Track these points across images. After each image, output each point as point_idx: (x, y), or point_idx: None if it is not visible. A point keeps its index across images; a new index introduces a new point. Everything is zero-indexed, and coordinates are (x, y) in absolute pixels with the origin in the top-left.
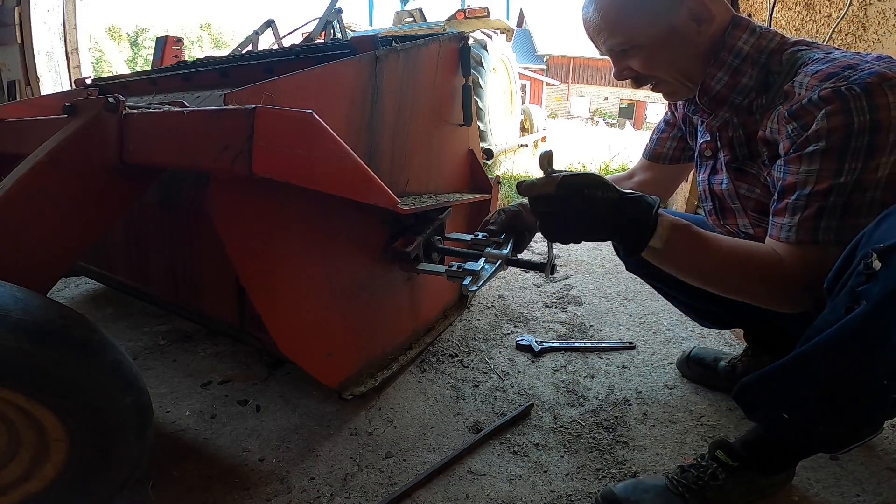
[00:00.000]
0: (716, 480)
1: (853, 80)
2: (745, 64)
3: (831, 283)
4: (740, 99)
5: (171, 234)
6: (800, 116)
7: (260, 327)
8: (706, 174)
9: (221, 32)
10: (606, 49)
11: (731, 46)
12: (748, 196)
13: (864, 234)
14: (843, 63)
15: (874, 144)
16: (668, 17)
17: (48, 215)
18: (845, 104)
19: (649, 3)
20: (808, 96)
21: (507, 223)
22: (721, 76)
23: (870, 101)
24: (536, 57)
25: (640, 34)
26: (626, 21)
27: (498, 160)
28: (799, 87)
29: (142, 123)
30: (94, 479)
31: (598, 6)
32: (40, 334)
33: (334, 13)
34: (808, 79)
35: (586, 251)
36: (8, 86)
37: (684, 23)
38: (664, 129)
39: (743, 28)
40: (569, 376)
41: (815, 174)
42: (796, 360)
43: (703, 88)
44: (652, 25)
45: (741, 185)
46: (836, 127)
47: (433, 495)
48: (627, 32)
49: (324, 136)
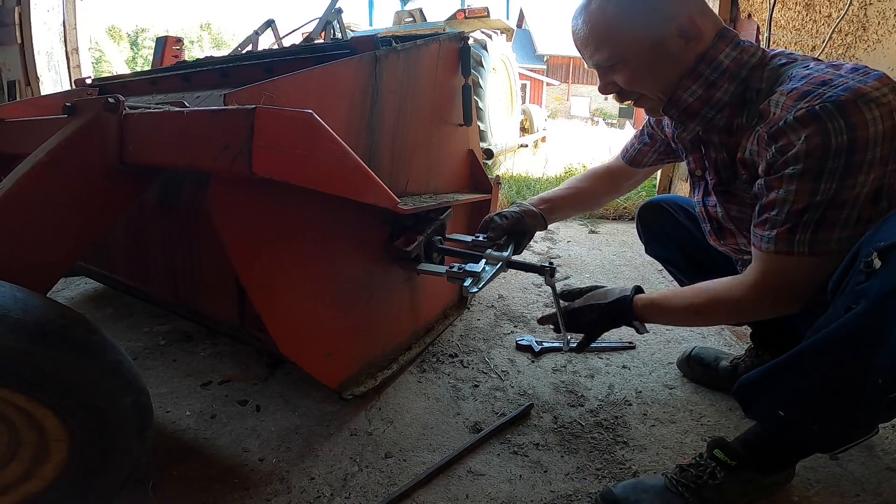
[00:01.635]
0: (714, 479)
1: (827, 98)
2: (722, 78)
3: (834, 284)
4: (713, 114)
5: (171, 234)
6: (777, 138)
7: (260, 327)
8: (700, 195)
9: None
10: (593, 63)
11: (712, 59)
12: (740, 217)
13: (867, 236)
14: (818, 79)
15: (850, 164)
16: (655, 34)
17: (48, 215)
18: (822, 125)
19: (637, 19)
20: (785, 117)
21: (507, 228)
22: (695, 89)
23: (846, 120)
24: (536, 57)
25: (626, 49)
26: (613, 36)
27: (498, 160)
28: (775, 107)
29: (142, 123)
30: (94, 479)
31: (585, 19)
32: (40, 334)
33: (334, 13)
34: (784, 98)
35: (586, 251)
36: (8, 86)
37: (671, 39)
38: (647, 143)
39: (727, 41)
40: (569, 376)
41: (792, 194)
42: (793, 358)
43: (673, 100)
44: (639, 41)
45: (731, 208)
46: (813, 149)
47: (433, 495)
48: (613, 47)
49: (324, 136)
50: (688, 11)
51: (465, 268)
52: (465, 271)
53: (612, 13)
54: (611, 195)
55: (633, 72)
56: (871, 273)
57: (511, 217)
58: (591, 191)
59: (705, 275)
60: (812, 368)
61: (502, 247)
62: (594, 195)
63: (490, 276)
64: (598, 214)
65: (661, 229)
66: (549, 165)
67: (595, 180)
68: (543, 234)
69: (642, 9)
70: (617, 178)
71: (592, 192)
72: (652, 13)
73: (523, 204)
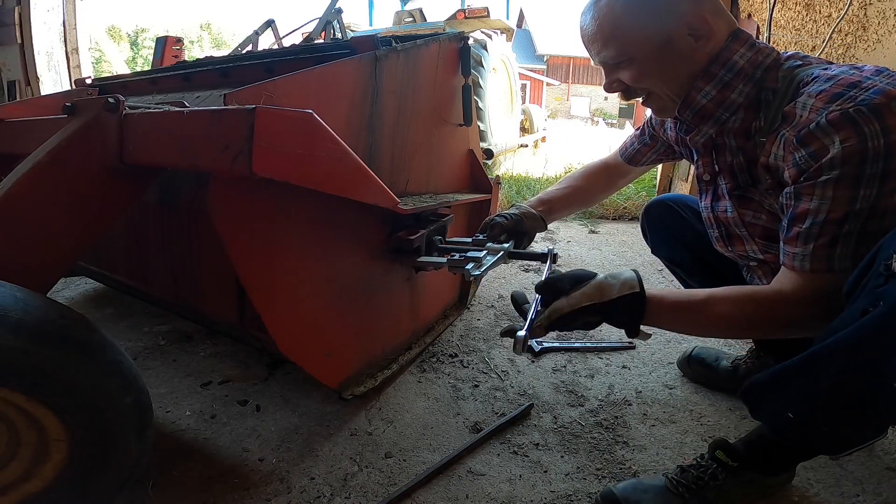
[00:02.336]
0: (716, 480)
1: (861, 101)
2: (737, 79)
3: (851, 287)
4: (727, 115)
5: (171, 234)
6: (809, 143)
7: (260, 327)
8: (709, 200)
9: (221, 32)
10: (599, 60)
11: (726, 60)
12: (754, 223)
13: (886, 239)
14: (846, 81)
15: (889, 169)
16: (664, 31)
17: (48, 215)
18: (858, 129)
19: (647, 15)
20: (816, 120)
21: (508, 228)
22: (709, 90)
23: (882, 123)
24: (536, 57)
25: (634, 46)
26: (621, 32)
27: (498, 160)
28: (802, 109)
29: (142, 123)
30: (94, 479)
31: (594, 15)
32: (40, 334)
33: (334, 13)
34: (813, 100)
35: (586, 251)
36: (8, 86)
37: (681, 37)
38: (648, 144)
39: (741, 42)
40: (569, 376)
41: (829, 202)
42: (806, 360)
43: (687, 102)
44: (647, 38)
45: (746, 213)
46: (850, 154)
47: (433, 495)
48: (621, 44)
49: (324, 136)
50: (699, 9)
51: (466, 254)
52: (466, 258)
53: (621, 9)
54: (607, 192)
55: (639, 69)
56: (890, 276)
57: (511, 219)
58: (588, 189)
59: (713, 277)
60: (825, 370)
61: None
62: (591, 193)
63: (491, 262)
64: (598, 214)
65: (668, 229)
66: (549, 165)
67: (592, 178)
68: (543, 234)
69: (653, 5)
70: (613, 175)
71: (589, 189)
72: (662, 10)
73: (522, 206)
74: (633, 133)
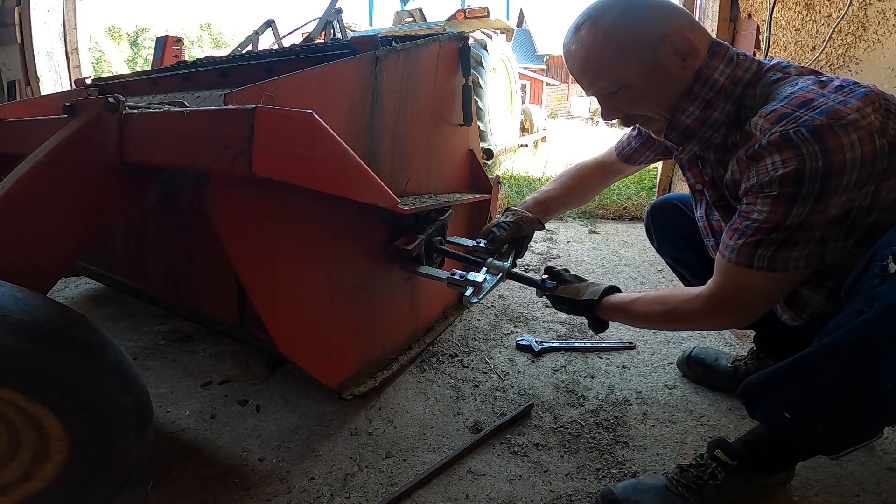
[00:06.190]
0: (715, 480)
1: (802, 123)
2: (718, 97)
3: (848, 288)
4: (710, 133)
5: (171, 234)
6: (755, 160)
7: (260, 327)
8: (703, 210)
9: (221, 32)
10: (593, 91)
11: (706, 78)
12: None
13: (883, 241)
14: (798, 100)
15: (825, 190)
16: (651, 55)
17: (48, 215)
18: (797, 151)
19: (630, 42)
20: (760, 140)
21: (508, 238)
22: (693, 110)
23: (821, 145)
24: (536, 57)
25: (626, 74)
26: (609, 61)
27: (498, 160)
28: (755, 129)
29: (142, 123)
30: (94, 479)
31: (579, 47)
32: (40, 334)
33: (334, 13)
34: (762, 120)
35: (586, 251)
36: (8, 86)
37: (667, 58)
38: (645, 144)
39: (720, 57)
40: (569, 376)
41: (765, 214)
42: (802, 360)
43: (673, 123)
44: (636, 65)
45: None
46: (787, 174)
47: (433, 495)
48: (612, 74)
49: (324, 136)
50: (677, 27)
51: (467, 276)
52: (466, 279)
53: (603, 40)
54: (600, 189)
55: (636, 95)
56: (885, 277)
57: (510, 227)
58: (582, 187)
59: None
60: (821, 370)
61: (503, 255)
62: (585, 191)
63: (491, 286)
64: (598, 214)
65: (676, 229)
66: (549, 165)
67: (586, 176)
68: (543, 234)
69: (633, 32)
70: (608, 173)
71: (583, 188)
72: (642, 34)
73: (518, 211)
74: (629, 132)
